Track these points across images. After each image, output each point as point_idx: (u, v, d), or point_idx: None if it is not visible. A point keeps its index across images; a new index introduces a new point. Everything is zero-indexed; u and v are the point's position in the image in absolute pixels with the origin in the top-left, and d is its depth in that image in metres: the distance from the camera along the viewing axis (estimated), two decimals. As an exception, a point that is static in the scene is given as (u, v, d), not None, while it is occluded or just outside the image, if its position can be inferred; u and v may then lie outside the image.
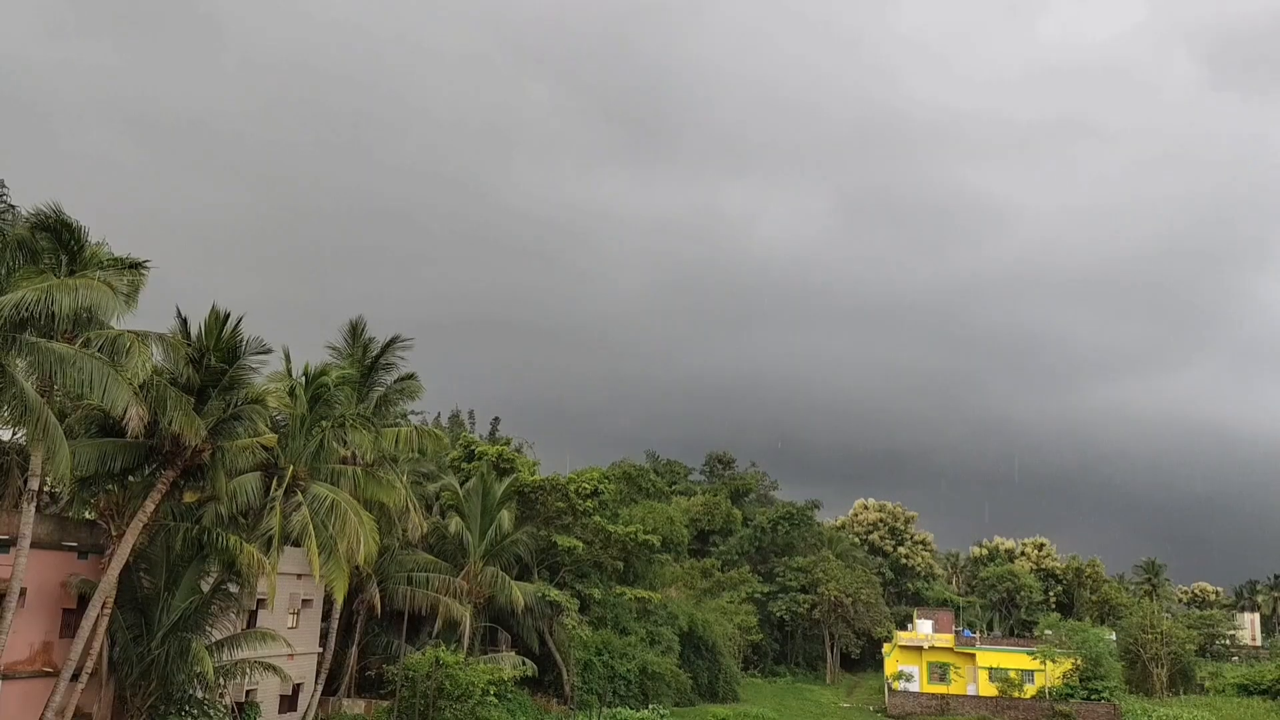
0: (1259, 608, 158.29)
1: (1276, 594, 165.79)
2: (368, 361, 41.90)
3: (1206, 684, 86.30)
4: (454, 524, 47.53)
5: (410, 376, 42.43)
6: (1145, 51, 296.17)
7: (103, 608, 27.90)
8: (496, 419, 76.68)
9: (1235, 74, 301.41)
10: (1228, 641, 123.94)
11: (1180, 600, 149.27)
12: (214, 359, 29.94)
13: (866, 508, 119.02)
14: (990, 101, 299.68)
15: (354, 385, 40.16)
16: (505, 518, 49.13)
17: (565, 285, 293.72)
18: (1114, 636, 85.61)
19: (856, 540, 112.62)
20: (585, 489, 53.72)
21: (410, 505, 40.42)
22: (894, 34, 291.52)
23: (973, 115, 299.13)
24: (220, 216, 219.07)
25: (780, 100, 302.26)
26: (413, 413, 59.21)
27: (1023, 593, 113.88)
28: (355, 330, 42.83)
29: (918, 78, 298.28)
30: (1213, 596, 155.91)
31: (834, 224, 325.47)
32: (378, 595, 42.64)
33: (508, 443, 64.96)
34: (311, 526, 33.17)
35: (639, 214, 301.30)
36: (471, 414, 77.21)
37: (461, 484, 50.03)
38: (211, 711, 31.34)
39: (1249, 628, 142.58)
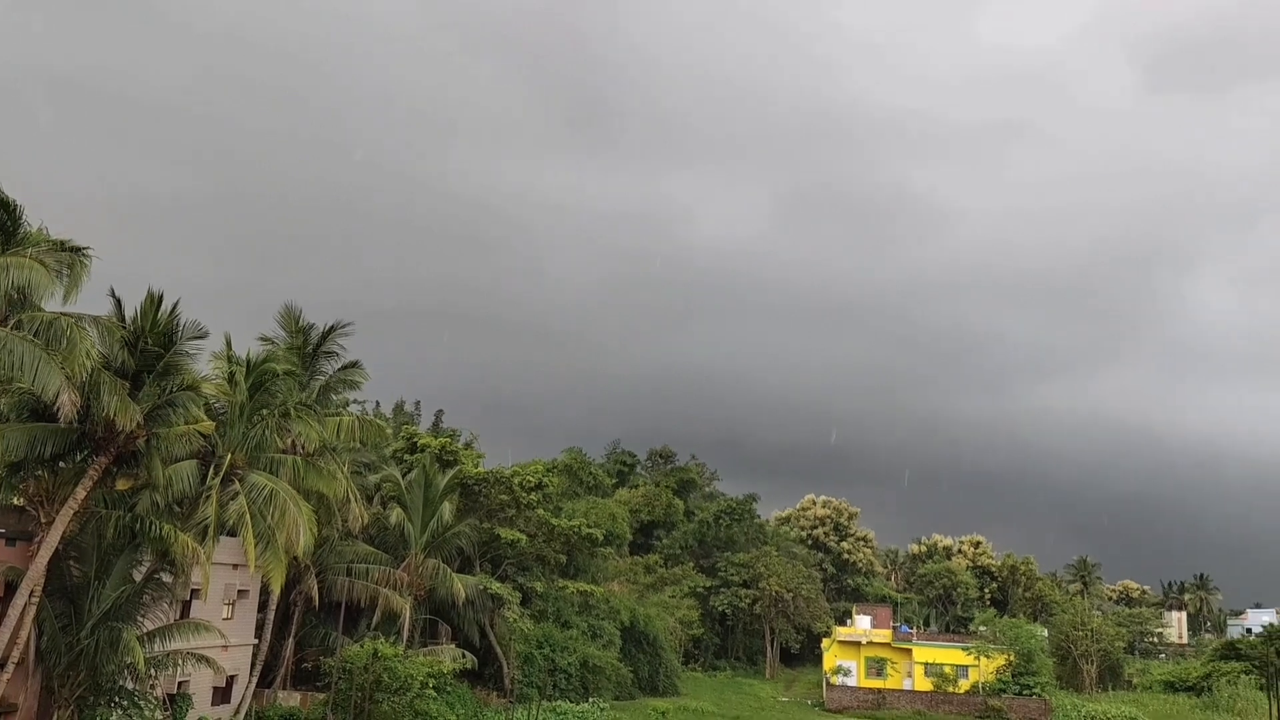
0: (1185, 606, 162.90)
1: (1202, 593, 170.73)
2: (308, 349, 41.22)
3: (1134, 680, 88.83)
4: (395, 515, 47.11)
5: (354, 365, 41.93)
6: (1085, 57, 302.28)
7: (30, 596, 27.21)
8: (440, 411, 76.24)
9: (1172, 82, 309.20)
10: (1155, 639, 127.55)
11: (1109, 598, 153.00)
12: (150, 343, 29.31)
13: (815, 503, 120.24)
14: (933, 101, 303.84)
15: (296, 373, 39.58)
16: (447, 510, 48.81)
17: (507, 274, 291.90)
18: (1046, 633, 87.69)
19: (801, 535, 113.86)
20: (529, 482, 53.55)
21: (351, 496, 39.95)
22: (839, 30, 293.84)
23: (916, 114, 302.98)
24: (155, 196, 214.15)
25: (725, 92, 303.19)
26: (354, 402, 58.57)
27: (959, 589, 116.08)
28: (290, 316, 41.83)
29: (862, 75, 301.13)
30: (1139, 594, 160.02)
31: (777, 219, 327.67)
32: (316, 586, 42.12)
33: (452, 435, 64.50)
34: (249, 516, 32.64)
35: (582, 203, 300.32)
36: (416, 405, 76.56)
37: (404, 475, 49.58)
38: (142, 702, 30.74)
39: (1175, 626, 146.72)
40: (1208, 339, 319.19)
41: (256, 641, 40.28)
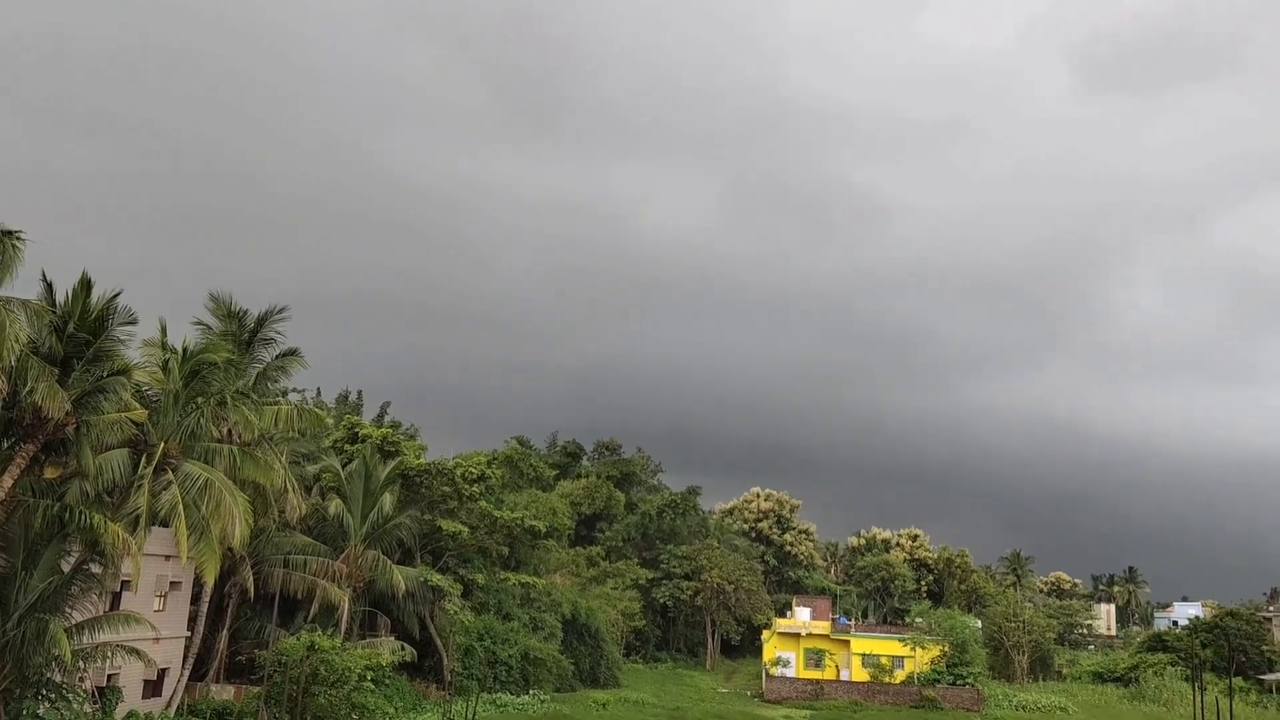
0: (1114, 599, 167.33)
1: (1131, 586, 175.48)
2: (244, 336, 40.41)
3: (1064, 671, 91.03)
4: (334, 506, 46.54)
5: (292, 352, 41.20)
6: (1025, 59, 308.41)
7: (-49, 587, 26.45)
8: (386, 403, 75.23)
9: (1109, 85, 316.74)
10: (1085, 631, 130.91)
11: (1042, 590, 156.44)
12: (80, 329, 28.60)
13: (758, 496, 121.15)
14: (879, 99, 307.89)
15: (234, 360, 38.84)
16: (388, 501, 48.34)
17: (451, 263, 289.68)
18: (980, 624, 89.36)
19: (744, 528, 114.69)
20: (472, 474, 53.26)
21: (289, 486, 39.40)
22: (786, 25, 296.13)
23: (861, 111, 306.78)
24: (88, 175, 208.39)
25: (673, 85, 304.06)
26: (294, 390, 57.73)
27: (897, 582, 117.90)
28: (220, 303, 40.72)
29: (808, 70, 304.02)
30: (1070, 587, 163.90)
31: (723, 212, 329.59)
32: (251, 578, 41.49)
33: (394, 426, 63.89)
34: (182, 506, 32.04)
35: (527, 192, 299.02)
36: (360, 395, 75.45)
37: (344, 466, 49.02)
38: (70, 696, 30.01)
39: (1104, 618, 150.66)
40: (1138, 339, 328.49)
41: (189, 634, 39.57)
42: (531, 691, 53.95)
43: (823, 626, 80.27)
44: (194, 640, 39.50)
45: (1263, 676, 79.59)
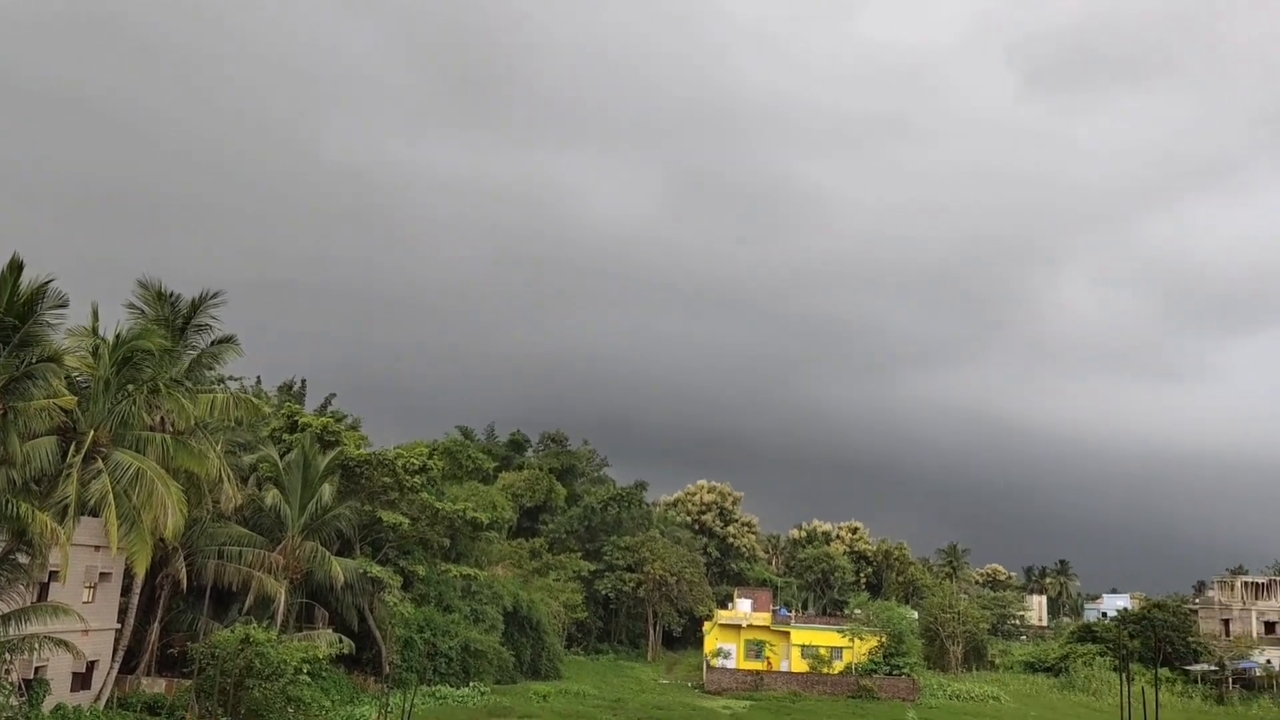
0: (1046, 590, 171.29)
1: (1062, 578, 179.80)
2: (179, 322, 39.42)
3: (996, 661, 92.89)
4: (271, 496, 45.75)
5: (228, 339, 40.38)
6: (965, 58, 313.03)
7: None
8: (331, 395, 73.79)
9: (1045, 86, 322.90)
10: (1017, 621, 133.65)
11: (977, 581, 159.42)
12: (9, 313, 27.75)
13: (701, 488, 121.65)
14: (820, 93, 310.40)
15: (169, 347, 37.95)
16: (327, 491, 47.64)
17: (391, 249, 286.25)
18: (916, 615, 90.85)
19: (687, 520, 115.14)
20: (413, 464, 52.66)
21: (224, 476, 38.65)
22: (729, 18, 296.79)
23: (804, 105, 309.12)
24: (16, 155, 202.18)
25: (615, 73, 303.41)
26: (232, 379, 56.55)
27: (836, 573, 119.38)
28: (148, 287, 39.57)
29: (752, 63, 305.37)
30: (1005, 578, 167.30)
31: (665, 202, 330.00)
32: (184, 569, 40.68)
33: (338, 417, 62.94)
34: (112, 495, 31.29)
35: (469, 179, 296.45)
36: (304, 385, 74.00)
37: (282, 456, 48.16)
38: (-6, 689, 29.20)
39: (1036, 609, 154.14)
40: (1070, 336, 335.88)
41: (119, 626, 38.68)
42: (472, 684, 53.67)
43: (763, 618, 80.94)
44: (124, 632, 38.61)
45: (1188, 667, 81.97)
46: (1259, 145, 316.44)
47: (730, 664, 75.39)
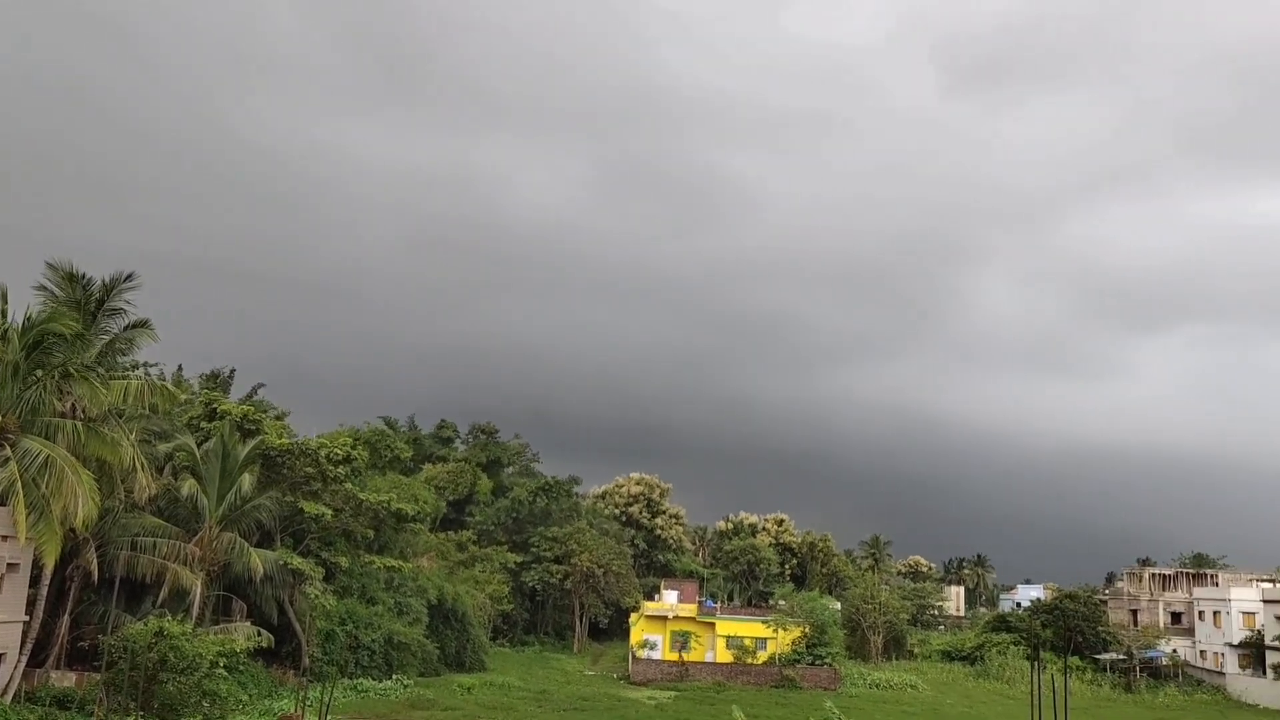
0: (964, 581, 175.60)
1: (980, 570, 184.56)
2: (91, 305, 38.10)
3: (915, 650, 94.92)
4: (188, 486, 44.56)
5: (143, 324, 39.16)
6: (891, 57, 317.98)
7: None
8: (260, 384, 72.03)
9: (969, 87, 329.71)
10: (936, 612, 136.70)
11: (899, 573, 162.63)
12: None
13: (630, 480, 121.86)
14: (749, 86, 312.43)
15: (82, 332, 36.70)
16: (247, 481, 46.59)
17: (313, 232, 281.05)
18: (839, 606, 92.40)
19: (615, 512, 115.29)
20: (337, 454, 51.76)
21: (138, 464, 37.52)
22: (659, 8, 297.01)
23: (732, 98, 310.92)
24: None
25: (544, 60, 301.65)
26: (148, 364, 54.93)
27: (762, 565, 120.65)
28: (57, 269, 38.09)
29: (680, 54, 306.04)
30: (926, 570, 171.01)
31: (591, 192, 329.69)
32: (95, 561, 39.41)
33: (261, 406, 61.54)
34: (20, 484, 30.20)
35: (392, 162, 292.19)
36: (232, 373, 72.18)
37: (200, 444, 46.96)
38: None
39: (954, 600, 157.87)
40: (990, 332, 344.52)
41: (27, 619, 37.35)
42: (395, 676, 53.08)
43: (689, 609, 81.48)
44: (33, 625, 37.33)
45: (1098, 656, 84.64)
46: (1172, 150, 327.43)
47: (656, 655, 75.76)
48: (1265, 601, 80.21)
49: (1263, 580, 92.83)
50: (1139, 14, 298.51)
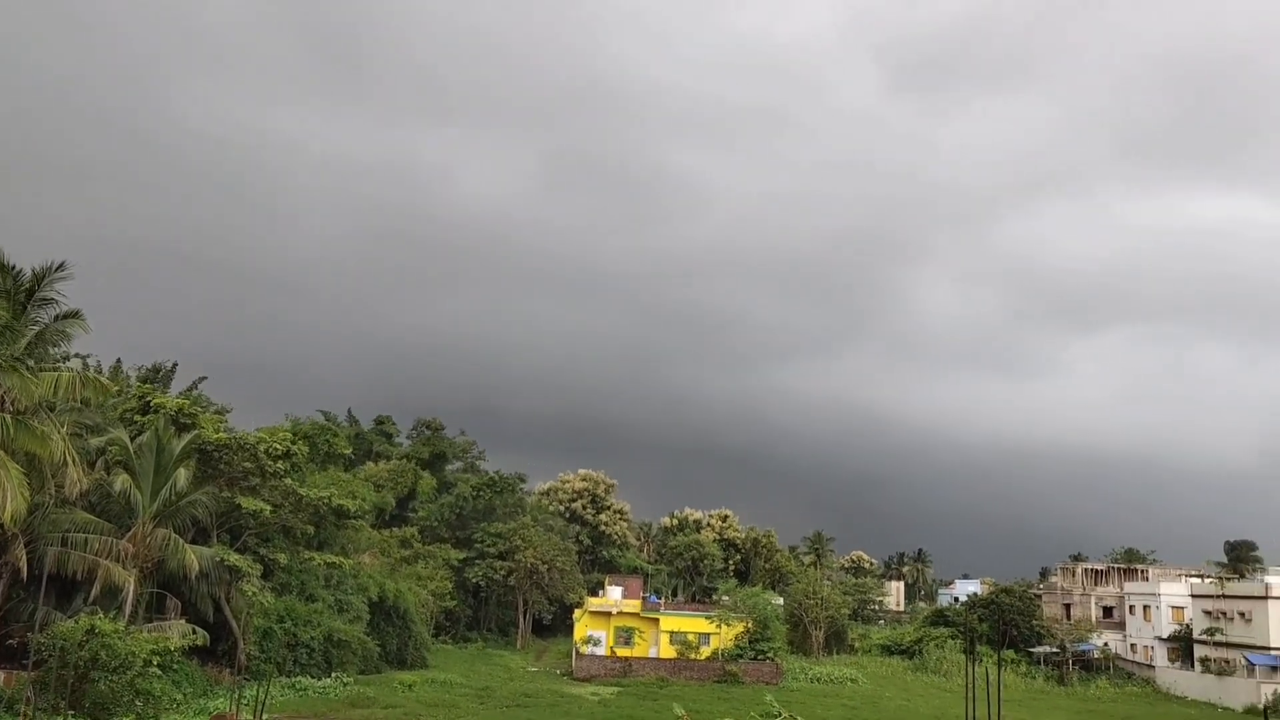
0: (904, 577, 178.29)
1: (919, 565, 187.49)
2: (20, 295, 36.95)
3: (856, 645, 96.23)
4: (121, 481, 43.53)
5: (74, 314, 38.09)
6: (837, 55, 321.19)
7: None
8: (202, 377, 70.63)
9: (913, 86, 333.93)
10: (876, 607, 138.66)
11: (842, 568, 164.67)
12: None
13: (575, 476, 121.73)
14: (697, 81, 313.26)
15: (6, 321, 35.61)
16: (183, 476, 45.61)
17: (254, 221, 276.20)
18: (782, 601, 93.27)
19: (560, 508, 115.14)
20: (276, 449, 50.92)
21: (69, 458, 36.55)
22: (608, 1, 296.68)
23: (679, 92, 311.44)
24: None
25: (490, 51, 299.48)
26: (86, 356, 53.69)
27: (706, 561, 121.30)
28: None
29: (629, 47, 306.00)
30: (868, 565, 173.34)
31: (537, 184, 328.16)
32: (24, 557, 38.34)
33: (198, 400, 60.32)
34: (-57, 479, 29.28)
35: (336, 152, 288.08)
36: (174, 367, 70.75)
37: (134, 438, 45.90)
38: None
39: (894, 595, 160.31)
40: (928, 329, 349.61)
41: (-50, 618, 36.28)
42: (334, 674, 52.47)
43: (633, 605, 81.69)
44: (-44, 624, 36.24)
45: (1032, 649, 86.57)
46: (1108, 154, 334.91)
47: (600, 651, 75.84)
48: (1193, 596, 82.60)
49: (1191, 575, 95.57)
50: (1078, 21, 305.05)
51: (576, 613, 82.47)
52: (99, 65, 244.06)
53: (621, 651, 76.24)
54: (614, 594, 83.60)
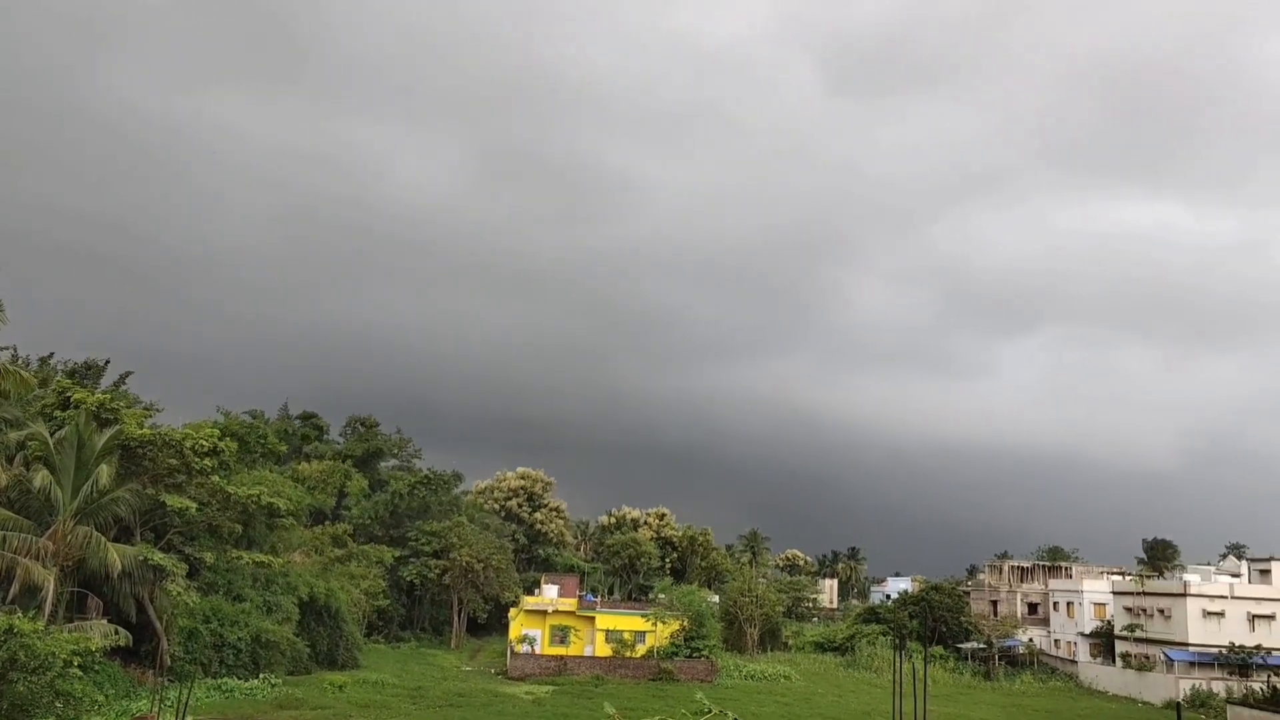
0: (838, 574, 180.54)
1: (853, 563, 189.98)
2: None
3: (790, 642, 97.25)
4: (40, 478, 42.20)
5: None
6: (772, 51, 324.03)
7: None
8: (128, 372, 68.69)
9: (848, 86, 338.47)
10: (810, 604, 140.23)
11: (777, 566, 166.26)
12: None
13: (511, 475, 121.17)
14: (634, 76, 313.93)
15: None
16: (105, 473, 44.35)
17: (182, 210, 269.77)
18: (717, 599, 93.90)
19: (496, 507, 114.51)
20: (202, 446, 49.76)
21: (-15, 454, 35.42)
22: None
23: (617, 87, 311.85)
24: None
25: (424, 40, 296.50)
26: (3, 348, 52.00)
27: (643, 559, 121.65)
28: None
29: (565, 40, 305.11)
30: (802, 563, 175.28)
31: (474, 178, 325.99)
32: (-63, 556, 37.05)
33: (122, 397, 58.68)
34: None
35: (261, 137, 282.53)
36: (106, 363, 68.87)
37: (53, 434, 44.55)
38: None
39: (828, 592, 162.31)
40: (862, 330, 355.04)
41: None
42: (262, 675, 51.48)
43: (569, 604, 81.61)
44: None
45: (960, 645, 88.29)
46: (1037, 158, 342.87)
47: (535, 650, 75.60)
48: (1115, 593, 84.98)
49: (1112, 573, 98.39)
50: (1011, 26, 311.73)
51: (512, 611, 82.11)
52: (14, 45, 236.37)
53: (557, 650, 76.11)
54: (550, 592, 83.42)
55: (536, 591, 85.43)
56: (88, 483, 43.34)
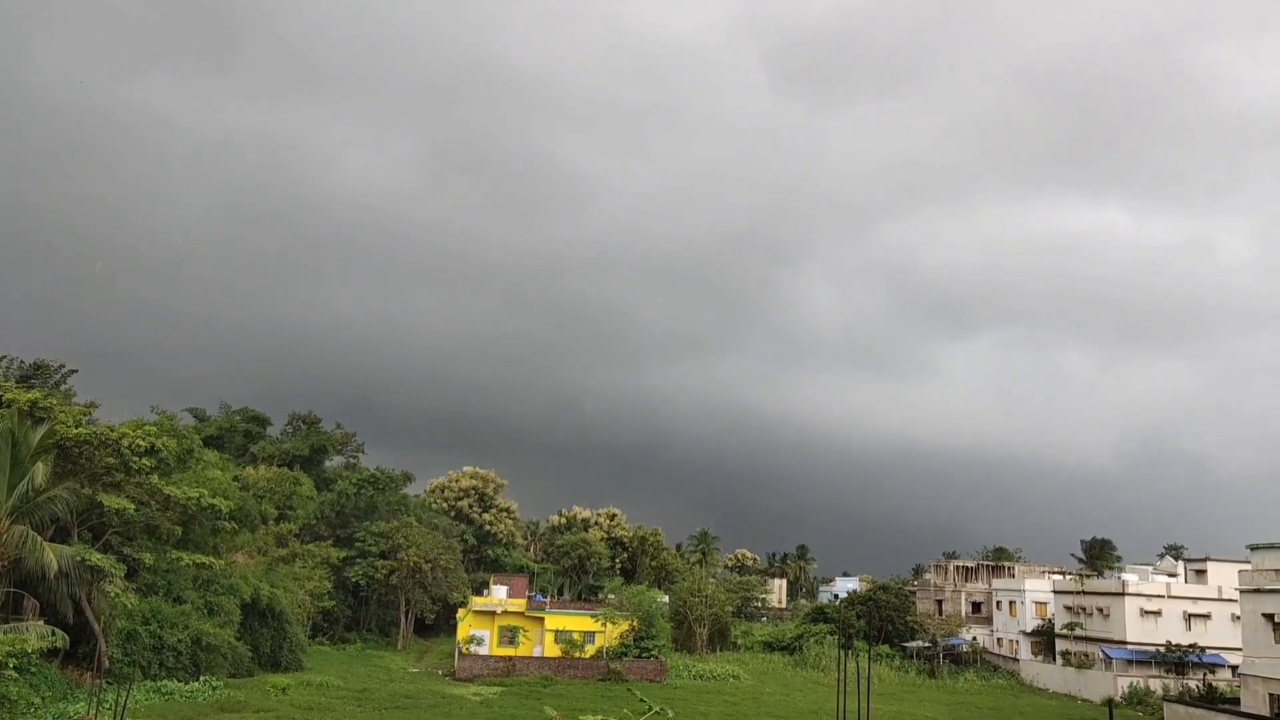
0: (786, 574, 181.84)
1: (801, 563, 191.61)
2: None
3: (739, 642, 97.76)
4: (-27, 477, 41.20)
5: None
6: (724, 50, 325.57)
7: None
8: (71, 370, 67.11)
9: (797, 88, 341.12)
10: (760, 604, 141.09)
11: (727, 566, 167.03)
12: None
13: (462, 474, 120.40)
14: (586, 75, 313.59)
15: None
16: (40, 472, 43.35)
17: (117, 195, 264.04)
18: (667, 599, 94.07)
19: (445, 506, 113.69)
20: (140, 445, 48.72)
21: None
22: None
23: (568, 86, 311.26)
24: None
25: (371, 30, 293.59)
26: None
27: (593, 559, 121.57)
28: None
29: (517, 37, 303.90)
30: (751, 563, 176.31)
31: (421, 173, 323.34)
32: None
33: (58, 395, 57.30)
34: None
35: (200, 126, 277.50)
36: (62, 368, 67.37)
37: (-14, 432, 43.42)
38: None
39: (777, 592, 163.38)
40: (811, 330, 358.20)
41: None
42: (203, 678, 50.62)
43: (518, 604, 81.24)
44: None
45: (906, 644, 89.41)
46: (983, 161, 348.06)
47: (483, 651, 75.15)
48: (1056, 592, 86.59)
49: (1054, 573, 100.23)
50: (959, 30, 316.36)
51: (460, 612, 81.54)
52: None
53: (506, 651, 75.69)
54: (499, 593, 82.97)
55: (485, 592, 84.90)
56: (23, 481, 42.37)
